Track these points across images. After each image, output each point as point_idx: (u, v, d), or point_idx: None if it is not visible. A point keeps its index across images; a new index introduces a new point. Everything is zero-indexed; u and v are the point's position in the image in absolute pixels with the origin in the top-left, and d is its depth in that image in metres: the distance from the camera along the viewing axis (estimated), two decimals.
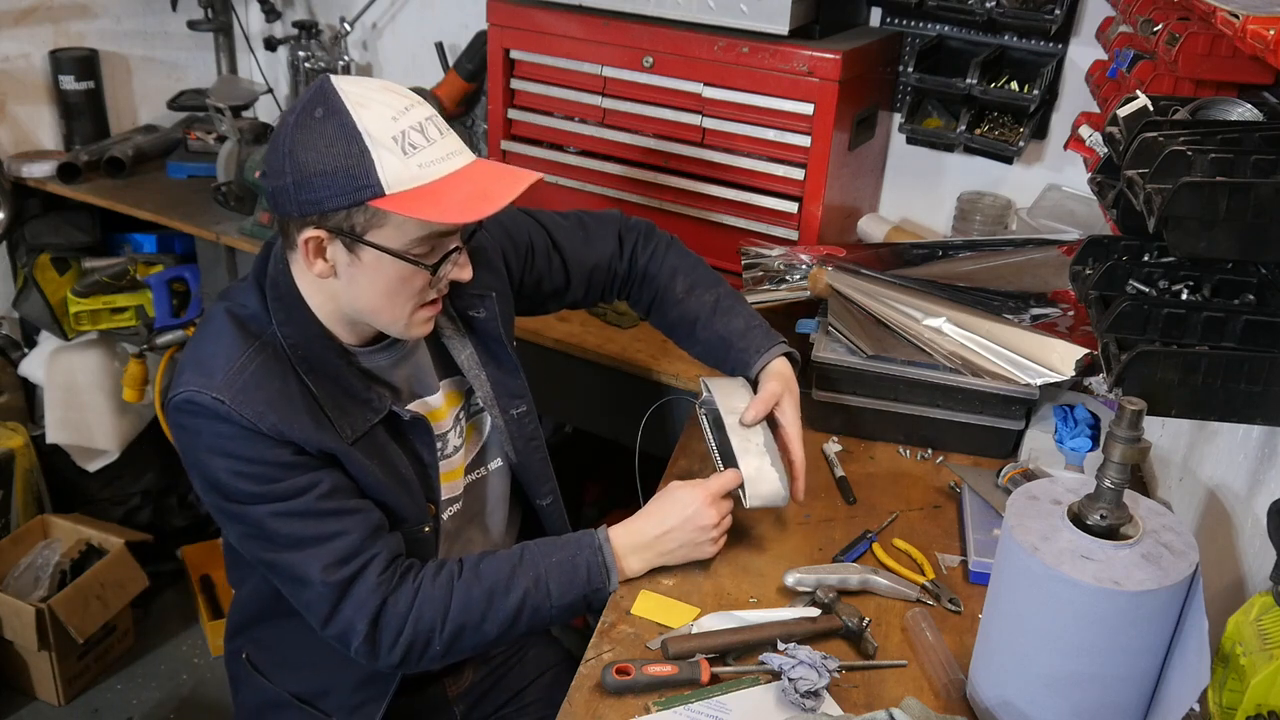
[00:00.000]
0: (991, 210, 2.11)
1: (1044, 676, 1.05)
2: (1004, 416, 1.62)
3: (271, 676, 1.52)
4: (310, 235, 1.20)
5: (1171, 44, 1.22)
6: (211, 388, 1.22)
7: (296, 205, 1.19)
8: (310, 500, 1.25)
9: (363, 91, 1.19)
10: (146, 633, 2.72)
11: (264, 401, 1.23)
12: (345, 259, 1.23)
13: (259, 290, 1.31)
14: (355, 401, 1.30)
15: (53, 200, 2.55)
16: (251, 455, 1.23)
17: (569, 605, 1.33)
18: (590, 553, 1.33)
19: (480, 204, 1.18)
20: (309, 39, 2.77)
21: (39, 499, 2.72)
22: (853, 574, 1.35)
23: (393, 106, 1.18)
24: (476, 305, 1.44)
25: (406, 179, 1.16)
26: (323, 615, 1.27)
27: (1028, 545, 1.03)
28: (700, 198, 2.08)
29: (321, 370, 1.29)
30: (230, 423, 1.22)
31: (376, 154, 1.15)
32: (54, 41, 2.59)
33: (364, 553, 1.27)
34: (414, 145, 1.18)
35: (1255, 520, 1.18)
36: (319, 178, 1.16)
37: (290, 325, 1.28)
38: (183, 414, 1.25)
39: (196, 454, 1.26)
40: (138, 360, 2.63)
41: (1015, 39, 2.06)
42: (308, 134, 1.17)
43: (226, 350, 1.26)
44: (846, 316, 1.71)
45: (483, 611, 1.29)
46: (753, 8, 1.90)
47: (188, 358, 1.29)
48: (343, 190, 1.16)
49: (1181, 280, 1.19)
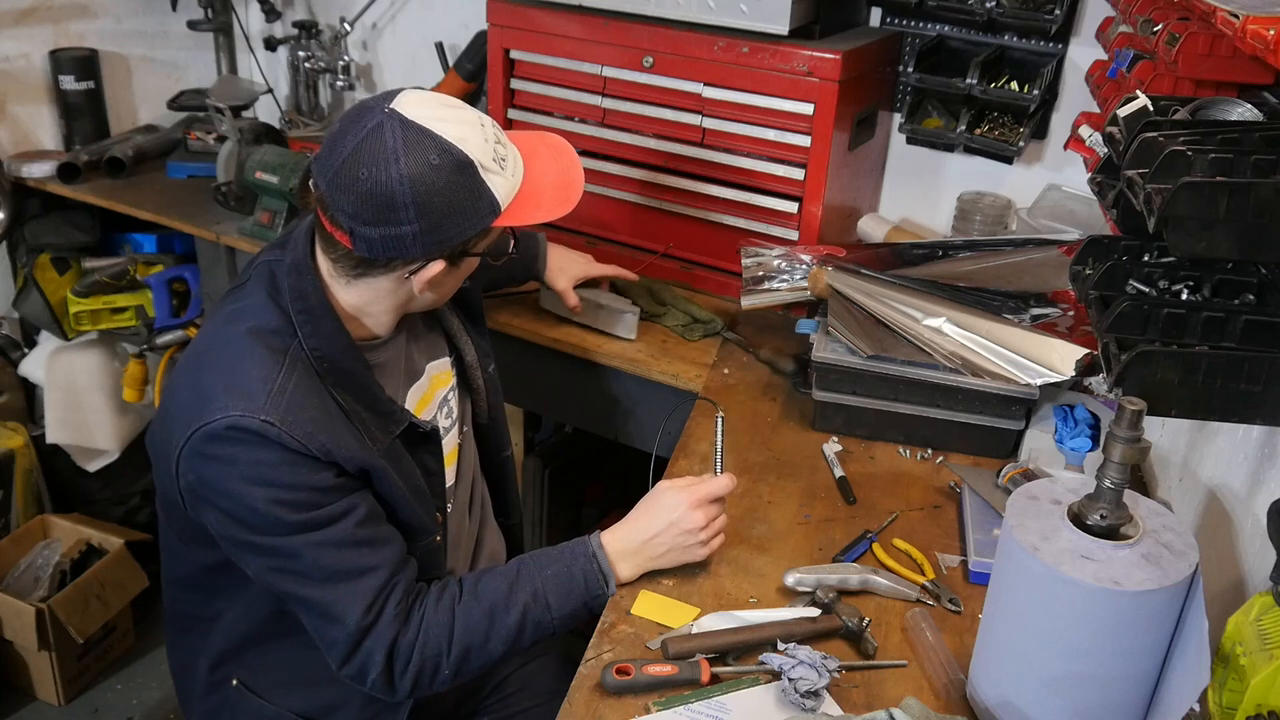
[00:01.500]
0: (991, 210, 2.11)
1: (1044, 676, 1.05)
2: (1004, 416, 1.62)
3: (271, 698, 1.46)
4: (436, 270, 1.27)
5: (1171, 44, 1.22)
6: (257, 410, 1.18)
7: (423, 248, 1.23)
8: (348, 528, 1.24)
9: (448, 122, 1.21)
10: (146, 633, 2.72)
11: (311, 421, 1.21)
12: (444, 271, 1.29)
13: (274, 307, 1.29)
14: (379, 414, 1.31)
15: (53, 200, 2.55)
16: (294, 482, 1.20)
17: (570, 614, 1.33)
18: (586, 561, 1.34)
19: (568, 192, 1.32)
20: (309, 39, 2.78)
21: (39, 499, 2.72)
22: (853, 574, 1.35)
23: (477, 127, 1.24)
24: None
25: (509, 192, 1.26)
26: (345, 653, 1.26)
27: (1028, 545, 1.03)
28: (700, 198, 2.08)
29: (348, 383, 1.29)
30: (279, 447, 1.19)
31: (489, 180, 1.23)
32: (54, 41, 2.59)
33: (388, 587, 1.26)
34: (503, 159, 1.26)
35: (1255, 520, 1.18)
36: (448, 219, 1.22)
37: (317, 338, 1.27)
38: (220, 442, 1.19)
39: (228, 484, 1.20)
40: (138, 360, 2.63)
41: (1015, 39, 2.06)
42: (433, 180, 1.19)
43: (260, 371, 1.22)
44: (846, 316, 1.71)
45: (486, 631, 1.29)
46: (753, 8, 1.90)
47: (213, 384, 1.22)
48: (469, 223, 1.24)
49: (1181, 280, 1.19)
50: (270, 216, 2.22)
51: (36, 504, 2.70)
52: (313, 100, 2.85)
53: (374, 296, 1.31)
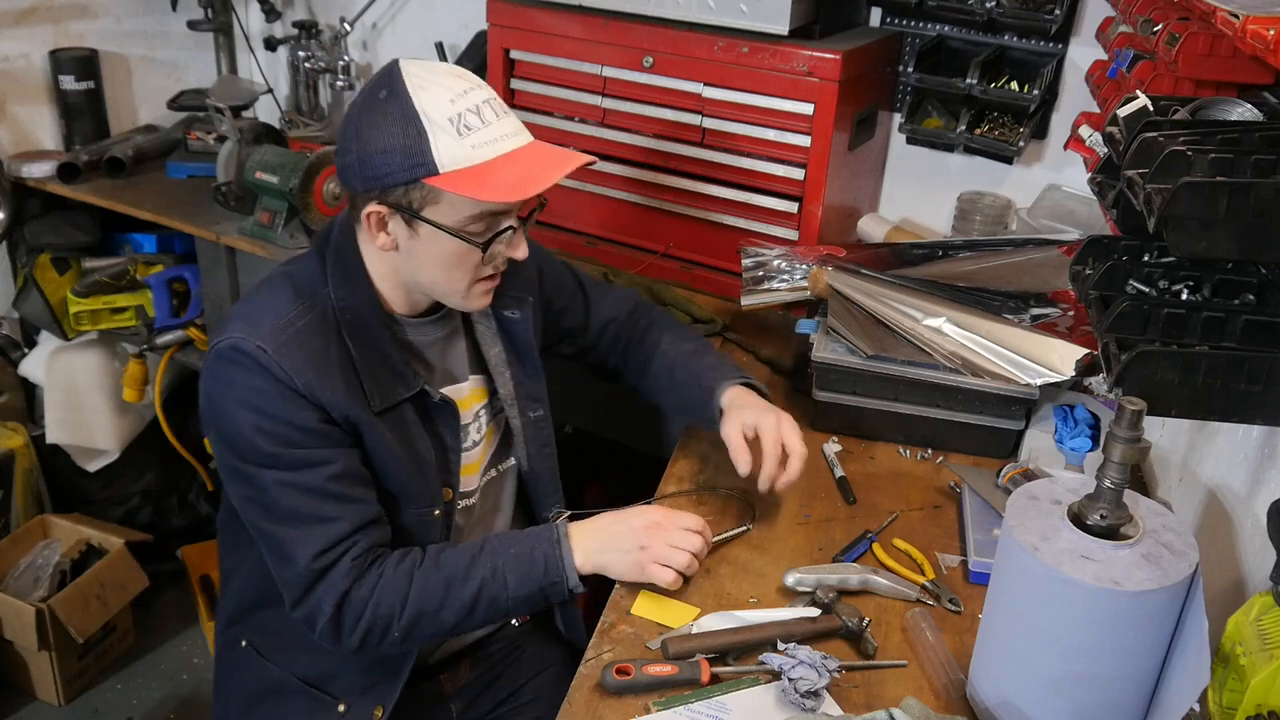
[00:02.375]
0: (991, 210, 2.11)
1: (1044, 676, 1.05)
2: (1004, 416, 1.62)
3: (276, 660, 1.51)
4: (372, 210, 1.28)
5: (1171, 44, 1.22)
6: (257, 336, 1.27)
7: (360, 180, 1.27)
8: (318, 478, 1.29)
9: (426, 75, 1.25)
10: (146, 633, 2.72)
11: (303, 359, 1.28)
12: (405, 233, 1.29)
13: (319, 257, 1.37)
14: (390, 373, 1.35)
15: (53, 200, 2.54)
16: (278, 414, 1.27)
17: (526, 597, 1.34)
18: (548, 546, 1.34)
19: (526, 184, 1.24)
20: (309, 39, 2.77)
21: (39, 499, 2.72)
22: (853, 574, 1.35)
23: (452, 89, 1.24)
24: (513, 306, 1.50)
25: (460, 158, 1.23)
26: (297, 595, 1.31)
27: (1028, 545, 1.03)
28: (700, 198, 2.08)
29: (365, 336, 1.34)
30: (267, 375, 1.26)
31: (433, 135, 1.22)
32: (54, 41, 2.58)
33: (346, 540, 1.31)
34: (469, 126, 1.24)
35: (1255, 520, 1.18)
36: (379, 155, 1.23)
37: (345, 288, 1.34)
38: (223, 361, 1.29)
39: (224, 404, 1.29)
40: (138, 360, 2.62)
41: (1015, 39, 2.06)
42: (372, 113, 1.24)
43: (277, 306, 1.31)
44: (846, 316, 1.71)
45: (441, 600, 1.32)
46: (753, 8, 1.90)
47: (238, 311, 1.34)
48: (400, 168, 1.23)
49: (1181, 280, 1.19)
50: (270, 216, 2.22)
51: (36, 504, 2.70)
52: (313, 100, 2.85)
53: (381, 264, 1.36)
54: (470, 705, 1.62)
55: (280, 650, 1.51)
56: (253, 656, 1.53)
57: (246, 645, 1.53)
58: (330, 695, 1.48)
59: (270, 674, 1.51)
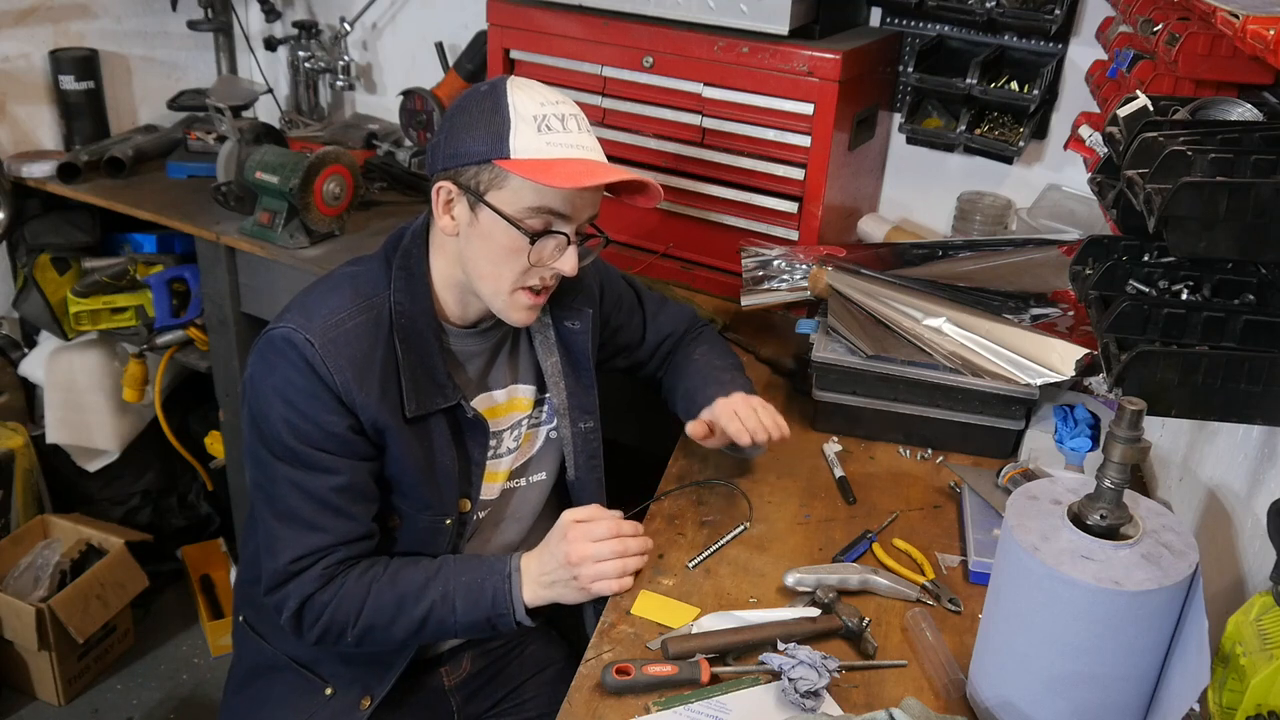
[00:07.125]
0: (991, 210, 2.11)
1: (1044, 676, 1.05)
2: (1004, 416, 1.62)
3: (270, 640, 1.56)
4: (442, 184, 1.33)
5: (1171, 44, 1.22)
6: (308, 329, 1.32)
7: (442, 158, 1.32)
8: (324, 485, 1.33)
9: (527, 84, 1.33)
10: (146, 633, 2.72)
11: (346, 358, 1.32)
12: (467, 217, 1.33)
13: (385, 261, 1.41)
14: (432, 382, 1.37)
15: (53, 200, 2.54)
16: (308, 412, 1.31)
17: (472, 624, 1.38)
18: (499, 579, 1.37)
19: (584, 177, 1.28)
20: (309, 39, 2.77)
21: (39, 499, 2.72)
22: (853, 574, 1.35)
23: (546, 98, 1.32)
24: (573, 317, 1.52)
25: (533, 150, 1.28)
26: (269, 585, 1.37)
27: (1028, 545, 1.03)
28: (700, 198, 2.08)
29: (415, 342, 1.37)
30: (309, 371, 1.30)
31: (515, 125, 1.28)
32: (54, 41, 2.58)
33: (325, 550, 1.35)
34: (550, 128, 1.30)
35: (1255, 520, 1.18)
36: (465, 134, 1.30)
37: (405, 294, 1.37)
38: (271, 347, 1.34)
39: (262, 388, 1.34)
40: (138, 360, 2.62)
41: (1015, 39, 2.06)
42: (468, 105, 1.32)
43: (333, 303, 1.36)
44: (846, 316, 1.71)
45: (392, 617, 1.36)
46: (753, 8, 1.90)
47: (297, 301, 1.38)
48: (478, 149, 1.29)
49: (1181, 280, 1.19)
50: (270, 216, 2.22)
51: (36, 504, 2.70)
52: (313, 100, 2.85)
53: (444, 261, 1.39)
54: (471, 699, 1.63)
55: (274, 628, 1.54)
56: (249, 633, 1.59)
57: (243, 621, 1.60)
58: (320, 678, 1.52)
59: (264, 651, 1.57)
